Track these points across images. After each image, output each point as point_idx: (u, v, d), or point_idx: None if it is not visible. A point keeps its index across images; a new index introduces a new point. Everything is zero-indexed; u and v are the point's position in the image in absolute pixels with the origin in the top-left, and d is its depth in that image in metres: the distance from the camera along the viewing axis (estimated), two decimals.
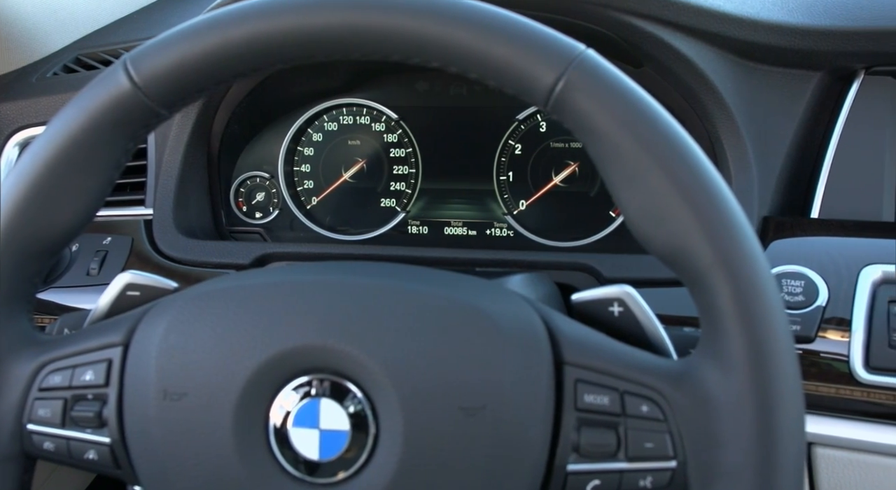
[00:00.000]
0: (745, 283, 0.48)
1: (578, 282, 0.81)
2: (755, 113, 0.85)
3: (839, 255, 0.74)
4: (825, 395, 0.69)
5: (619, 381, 0.50)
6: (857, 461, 0.70)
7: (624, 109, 0.48)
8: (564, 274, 0.81)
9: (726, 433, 0.48)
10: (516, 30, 0.50)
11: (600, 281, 0.80)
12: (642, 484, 0.50)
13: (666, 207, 0.48)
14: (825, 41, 0.83)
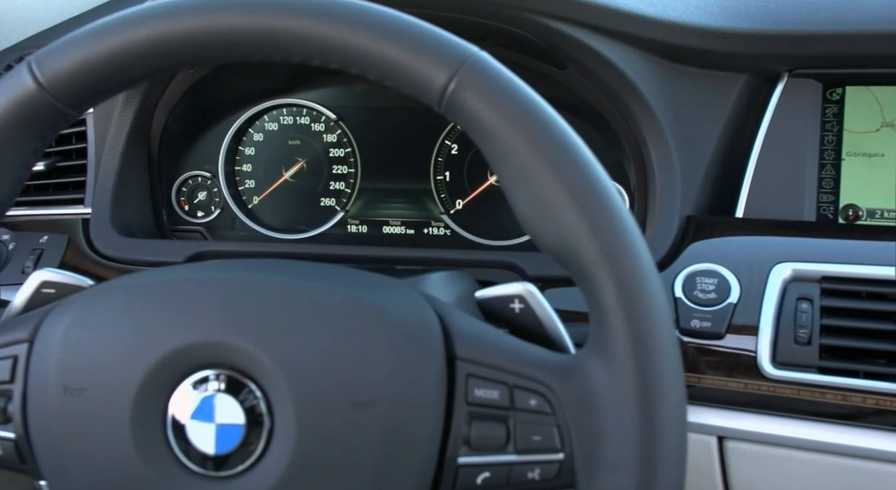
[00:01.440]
0: (628, 281, 0.49)
1: (504, 279, 0.82)
2: (680, 114, 0.86)
3: (753, 253, 0.76)
4: (734, 390, 0.71)
5: (508, 376, 0.52)
6: (766, 454, 0.72)
7: (514, 110, 0.50)
8: (492, 272, 0.83)
9: (609, 426, 0.49)
10: (410, 32, 0.51)
11: (524, 278, 0.82)
12: (531, 476, 0.51)
13: (554, 206, 0.49)
14: (748, 44, 0.85)
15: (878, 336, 0.69)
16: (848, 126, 0.87)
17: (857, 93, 0.88)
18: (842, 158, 0.87)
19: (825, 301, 0.71)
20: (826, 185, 0.87)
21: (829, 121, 0.88)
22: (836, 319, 0.70)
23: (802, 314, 0.70)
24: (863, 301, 0.71)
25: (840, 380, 0.68)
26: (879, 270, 0.71)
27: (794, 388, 0.69)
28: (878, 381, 0.67)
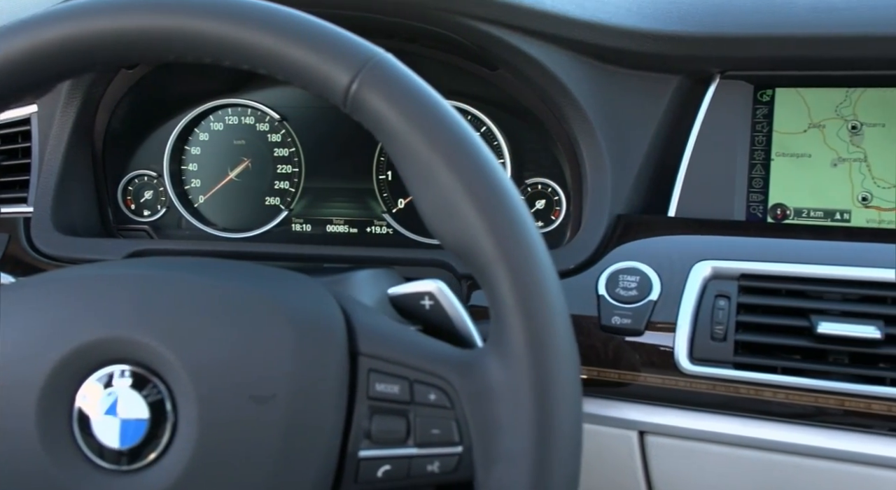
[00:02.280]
0: (524, 278, 0.50)
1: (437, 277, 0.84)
2: (613, 114, 0.88)
3: (677, 252, 0.78)
4: (653, 386, 0.72)
5: (409, 371, 0.53)
6: (685, 448, 0.73)
7: (414, 110, 0.51)
8: (426, 270, 0.84)
9: (505, 420, 0.51)
10: (313, 33, 0.52)
11: (456, 276, 0.83)
12: (430, 469, 0.53)
13: (453, 204, 0.51)
14: (679, 46, 0.87)
15: (792, 332, 0.70)
16: (777, 127, 0.89)
17: (786, 94, 0.89)
18: (771, 158, 0.89)
19: (742, 298, 0.72)
20: (756, 185, 0.89)
21: (760, 122, 0.90)
22: (751, 316, 0.71)
23: (719, 311, 0.72)
24: (777, 298, 0.72)
25: (753, 375, 0.69)
26: (796, 268, 0.73)
27: (709, 384, 0.70)
28: (788, 377, 0.69)
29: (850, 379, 0.68)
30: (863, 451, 0.67)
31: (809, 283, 0.72)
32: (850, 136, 0.87)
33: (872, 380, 0.68)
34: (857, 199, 0.85)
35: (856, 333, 0.67)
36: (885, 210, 0.85)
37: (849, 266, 0.72)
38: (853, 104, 0.87)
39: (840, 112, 0.87)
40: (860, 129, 0.86)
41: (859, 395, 0.67)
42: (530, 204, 0.97)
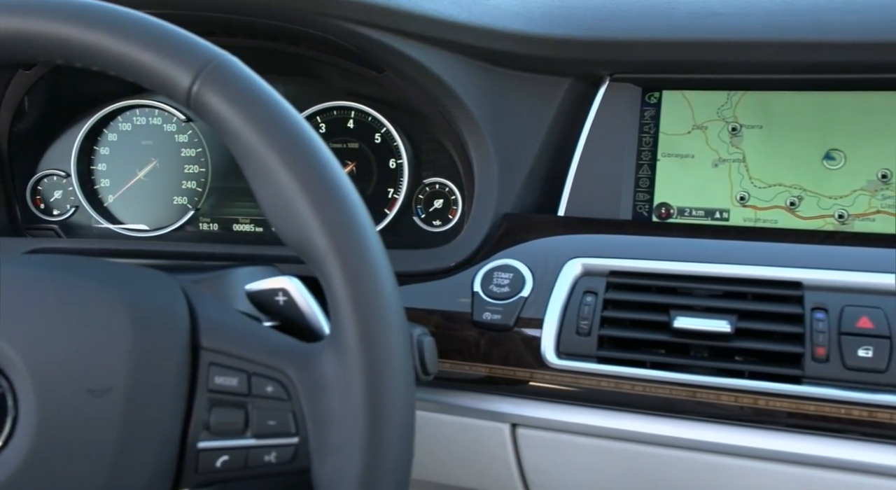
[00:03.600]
0: (356, 273, 0.52)
1: None
2: (502, 116, 0.90)
3: (553, 250, 0.80)
4: (522, 380, 0.75)
5: (248, 364, 0.55)
6: (554, 440, 0.76)
7: (253, 110, 0.53)
8: None
9: (338, 411, 0.52)
10: (156, 35, 0.54)
11: None
12: (267, 459, 0.54)
13: (290, 202, 0.52)
14: (567, 50, 0.89)
15: (652, 327, 0.73)
16: (664, 128, 0.92)
17: (672, 97, 0.92)
18: (657, 159, 0.91)
19: (608, 294, 0.75)
20: (642, 185, 0.91)
21: (647, 123, 0.92)
22: (615, 311, 0.74)
23: (586, 307, 0.74)
24: (641, 293, 0.74)
25: (612, 368, 0.72)
26: (661, 265, 0.76)
27: (574, 377, 0.73)
28: (645, 370, 0.71)
29: (707, 372, 0.70)
30: (714, 441, 0.70)
31: (672, 279, 0.75)
32: (730, 137, 0.89)
33: (732, 373, 0.70)
34: (735, 199, 0.88)
35: (708, 328, 0.70)
36: (762, 209, 0.87)
37: (714, 263, 0.75)
38: (734, 107, 0.90)
39: (721, 114, 0.90)
40: (740, 130, 0.89)
41: (709, 386, 0.69)
42: (428, 203, 0.99)
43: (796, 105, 0.88)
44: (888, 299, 0.68)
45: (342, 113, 1.00)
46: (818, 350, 0.67)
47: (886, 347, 0.66)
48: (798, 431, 0.68)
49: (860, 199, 0.84)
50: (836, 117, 0.86)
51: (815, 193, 0.86)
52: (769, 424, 0.68)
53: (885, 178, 0.84)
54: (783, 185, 0.87)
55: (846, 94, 0.86)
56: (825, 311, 0.69)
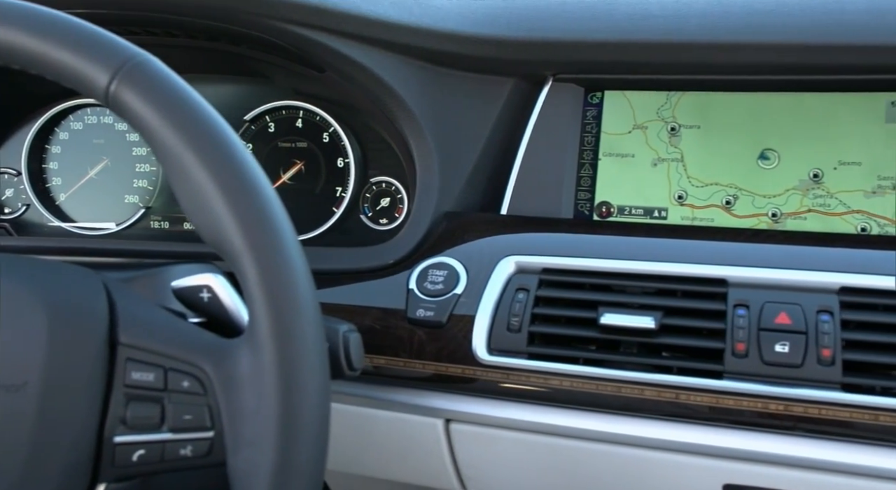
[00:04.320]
0: (270, 269, 0.53)
1: None
2: (445, 116, 0.91)
3: (489, 248, 0.81)
4: (454, 376, 0.76)
5: (165, 359, 0.55)
6: (486, 435, 0.77)
7: (170, 110, 0.53)
8: None
9: (252, 406, 0.53)
10: (76, 35, 0.54)
11: None
12: (183, 453, 0.55)
13: (207, 199, 0.53)
14: (508, 50, 0.90)
15: (580, 323, 0.74)
16: (605, 128, 0.93)
17: (614, 97, 0.93)
18: (599, 158, 0.93)
19: (540, 291, 0.76)
20: (584, 184, 0.93)
21: (589, 123, 0.94)
22: (545, 308, 0.75)
23: (517, 303, 0.75)
24: (572, 291, 0.76)
25: (541, 364, 0.73)
26: (592, 262, 0.77)
27: (504, 373, 0.74)
28: (572, 365, 0.72)
29: (634, 367, 0.72)
30: (637, 435, 0.71)
31: (602, 276, 0.76)
32: (669, 137, 0.91)
33: (658, 368, 0.71)
34: (673, 198, 0.90)
35: (633, 324, 0.71)
36: (698, 207, 0.89)
37: (645, 261, 0.76)
38: (673, 107, 0.91)
39: (661, 114, 0.92)
40: (678, 130, 0.91)
41: (633, 382, 0.70)
42: (375, 202, 1.00)
43: (733, 105, 0.89)
44: (808, 296, 0.70)
45: (291, 112, 1.01)
46: (738, 346, 0.68)
47: (802, 343, 0.67)
48: (718, 425, 0.69)
49: (793, 198, 0.86)
50: (770, 118, 0.88)
51: (750, 192, 0.87)
52: (691, 419, 0.70)
53: (817, 177, 0.85)
54: (719, 184, 0.89)
55: (780, 95, 0.88)
56: (747, 307, 0.70)
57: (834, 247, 0.74)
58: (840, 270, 0.71)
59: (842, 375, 0.66)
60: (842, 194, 0.84)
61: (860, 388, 0.66)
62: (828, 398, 0.66)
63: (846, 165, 0.84)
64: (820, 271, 0.71)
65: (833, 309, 0.69)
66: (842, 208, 0.84)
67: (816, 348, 0.67)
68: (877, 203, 0.83)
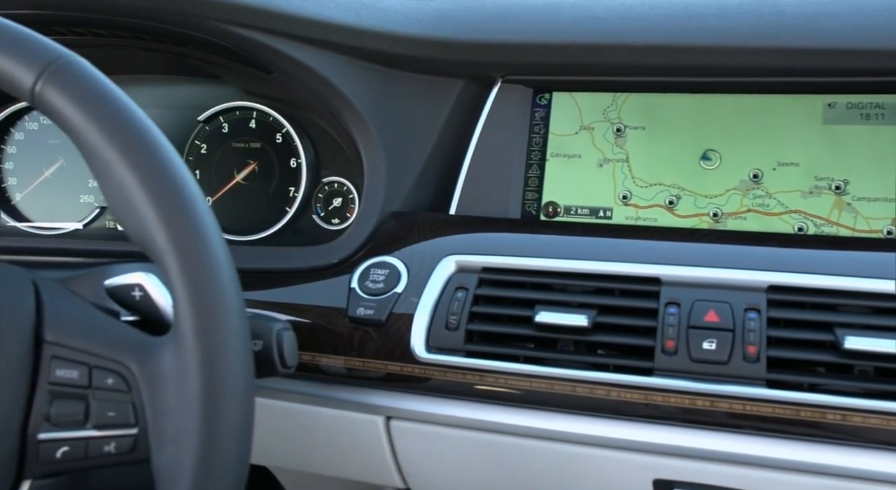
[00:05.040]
0: (193, 267, 0.54)
1: None
2: (393, 116, 0.92)
3: (431, 247, 0.82)
4: (394, 373, 0.77)
5: (89, 357, 0.56)
6: (425, 431, 0.78)
7: (94, 108, 0.54)
8: None
9: (175, 403, 0.54)
10: (4, 35, 0.55)
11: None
12: (107, 449, 0.56)
13: (131, 198, 0.54)
14: (458, 52, 0.91)
15: (517, 322, 0.75)
16: (553, 129, 0.94)
17: (561, 98, 0.95)
18: (546, 159, 0.94)
19: (479, 290, 0.77)
20: (532, 184, 0.94)
21: (538, 124, 0.95)
22: (483, 307, 0.76)
23: (455, 302, 0.76)
24: (510, 289, 0.77)
25: (477, 361, 0.74)
26: (534, 262, 0.78)
27: (442, 371, 0.75)
28: (506, 363, 0.73)
29: (569, 365, 0.73)
30: (570, 431, 0.72)
31: (539, 275, 0.77)
32: (615, 138, 0.92)
33: (593, 365, 0.73)
34: (618, 198, 0.91)
35: (566, 322, 0.72)
36: (642, 207, 0.90)
37: (584, 260, 0.77)
38: (619, 108, 0.92)
39: (607, 115, 0.93)
40: (624, 131, 0.92)
41: (566, 379, 0.71)
42: (328, 202, 1.01)
43: (676, 107, 0.91)
44: (738, 294, 0.71)
45: (244, 113, 1.02)
46: (667, 343, 0.70)
47: (729, 340, 0.68)
48: (648, 421, 0.70)
49: (733, 198, 0.87)
50: (712, 119, 0.89)
51: (692, 193, 0.89)
52: (622, 415, 0.71)
53: (757, 178, 0.86)
54: (663, 184, 0.90)
55: (722, 97, 0.89)
56: (678, 305, 0.71)
57: (766, 246, 0.76)
58: (770, 269, 0.72)
59: (766, 372, 0.67)
60: (780, 194, 0.86)
61: (784, 385, 0.67)
62: (752, 394, 0.67)
63: (785, 166, 0.86)
64: (750, 270, 0.72)
65: (760, 307, 0.70)
66: (780, 208, 0.85)
67: (742, 345, 0.68)
68: (813, 203, 0.84)
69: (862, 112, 0.84)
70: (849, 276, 0.70)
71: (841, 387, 0.66)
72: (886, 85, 0.83)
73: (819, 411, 0.65)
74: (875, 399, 0.64)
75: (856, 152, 0.84)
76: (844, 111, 0.85)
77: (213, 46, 0.85)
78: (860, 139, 0.84)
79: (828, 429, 0.65)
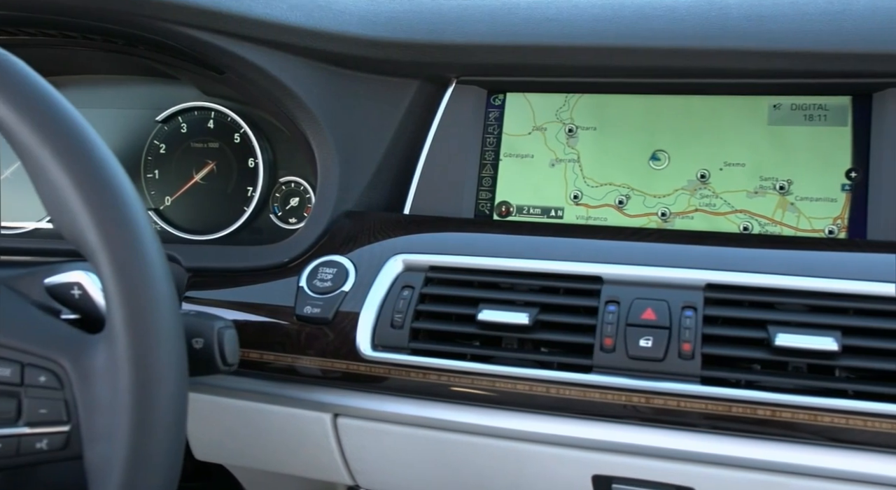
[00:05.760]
0: (124, 266, 0.55)
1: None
2: (347, 117, 0.92)
3: (381, 246, 0.83)
4: (340, 371, 0.77)
5: (22, 355, 0.57)
6: (372, 429, 0.79)
7: (28, 108, 0.55)
8: None
9: (107, 400, 0.55)
10: None
11: (183, 269, 0.87)
12: (39, 446, 0.57)
13: (64, 196, 0.55)
14: (412, 53, 0.92)
15: (460, 320, 0.76)
16: (507, 129, 0.95)
17: (515, 99, 0.96)
18: (500, 159, 0.95)
19: (425, 289, 0.78)
20: (485, 184, 0.95)
21: (492, 124, 0.96)
22: (430, 305, 0.77)
23: (401, 300, 0.77)
24: (454, 288, 0.78)
25: (422, 359, 0.74)
26: (480, 261, 0.79)
27: (387, 368, 0.76)
28: (451, 361, 0.74)
29: (511, 363, 0.74)
30: (510, 428, 0.73)
31: (484, 274, 0.78)
32: (567, 138, 0.93)
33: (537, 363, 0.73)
34: (569, 197, 0.92)
35: (508, 320, 0.73)
36: (593, 207, 0.91)
37: (530, 259, 0.78)
38: (571, 109, 0.93)
39: (559, 116, 0.94)
40: (576, 132, 0.93)
41: (507, 376, 0.72)
42: (285, 201, 1.01)
43: (627, 108, 0.92)
44: (677, 292, 0.72)
45: (202, 113, 1.02)
46: (606, 341, 0.71)
47: (665, 337, 0.69)
48: (586, 418, 0.71)
49: (681, 198, 0.88)
50: (661, 120, 0.90)
51: (642, 192, 0.90)
52: (562, 412, 0.72)
53: (704, 178, 0.88)
54: (613, 184, 0.91)
55: (670, 98, 0.90)
56: (618, 303, 0.72)
57: (709, 245, 0.77)
58: (710, 268, 0.73)
59: (701, 369, 0.68)
60: (726, 194, 0.87)
61: (719, 381, 0.68)
62: (686, 391, 0.68)
63: (731, 166, 0.87)
64: (689, 269, 0.73)
65: (697, 305, 0.71)
66: (726, 208, 0.87)
67: (678, 343, 0.69)
68: (758, 203, 0.86)
69: (806, 113, 0.86)
70: (786, 274, 0.71)
71: (773, 383, 0.68)
72: (829, 87, 0.84)
73: (750, 407, 0.67)
74: (804, 395, 0.65)
75: (799, 153, 0.85)
76: (789, 112, 0.86)
77: (163, 47, 0.86)
78: (804, 140, 0.85)
79: (759, 424, 0.67)
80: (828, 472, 0.66)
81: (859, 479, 0.66)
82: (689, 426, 0.69)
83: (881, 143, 0.82)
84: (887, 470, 0.64)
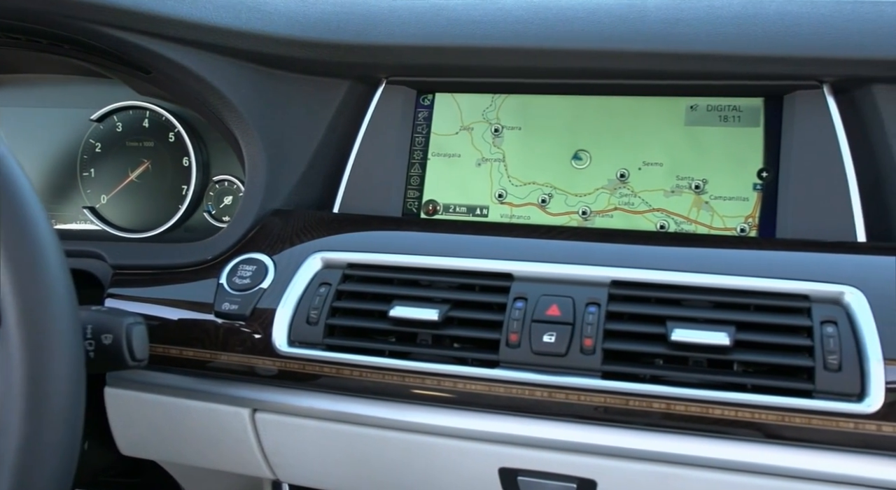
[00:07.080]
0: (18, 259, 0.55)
1: (94, 268, 0.89)
2: (276, 116, 0.94)
3: (303, 244, 0.84)
4: (257, 366, 0.78)
5: None
6: (289, 423, 0.80)
7: None
8: (82, 261, 0.89)
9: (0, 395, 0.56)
10: None
11: (109, 265, 0.88)
12: None
13: None
14: (340, 54, 0.93)
15: (373, 316, 0.77)
16: (435, 129, 0.97)
17: (444, 99, 0.97)
18: (428, 158, 0.96)
19: (342, 286, 0.79)
20: (413, 183, 0.96)
21: (420, 124, 0.97)
22: (346, 302, 0.78)
23: (318, 297, 0.78)
24: (369, 285, 0.79)
25: (335, 355, 0.76)
26: (396, 258, 0.80)
27: (301, 364, 0.77)
28: (363, 356, 0.75)
29: (423, 358, 0.75)
30: (420, 422, 0.75)
31: (399, 271, 0.79)
32: (493, 138, 0.95)
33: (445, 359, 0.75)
34: (494, 196, 0.93)
35: (418, 316, 0.74)
36: (517, 206, 0.93)
37: (446, 257, 0.80)
38: (497, 109, 0.95)
39: (486, 116, 0.95)
40: (501, 131, 0.94)
41: (416, 371, 0.74)
42: (219, 199, 1.02)
43: (550, 108, 0.93)
44: (583, 289, 0.74)
45: (138, 112, 1.03)
46: (512, 336, 0.72)
47: (568, 333, 0.71)
48: (492, 412, 0.73)
49: (601, 197, 0.90)
50: (583, 120, 0.92)
51: (564, 191, 0.91)
52: (468, 406, 0.73)
53: (623, 177, 0.89)
54: (536, 183, 0.92)
55: (592, 98, 0.92)
56: (525, 300, 0.74)
57: (621, 243, 0.78)
58: (618, 265, 0.75)
59: (601, 364, 0.70)
60: (644, 193, 0.89)
61: (620, 376, 0.70)
62: (586, 385, 0.70)
63: (649, 166, 0.89)
64: (596, 266, 0.75)
65: (601, 301, 0.72)
66: (644, 207, 0.88)
67: (580, 338, 0.71)
68: (675, 202, 0.87)
69: (721, 114, 0.88)
70: (687, 271, 0.73)
71: (674, 377, 0.69)
72: (742, 88, 0.86)
73: (646, 401, 0.68)
74: (698, 389, 0.67)
75: (714, 153, 0.87)
76: (705, 113, 0.88)
77: (88, 47, 0.86)
78: (719, 140, 0.87)
79: (655, 417, 0.68)
80: (721, 462, 0.68)
81: (748, 470, 0.68)
82: (590, 420, 0.70)
83: (791, 143, 0.84)
84: (772, 459, 0.66)
